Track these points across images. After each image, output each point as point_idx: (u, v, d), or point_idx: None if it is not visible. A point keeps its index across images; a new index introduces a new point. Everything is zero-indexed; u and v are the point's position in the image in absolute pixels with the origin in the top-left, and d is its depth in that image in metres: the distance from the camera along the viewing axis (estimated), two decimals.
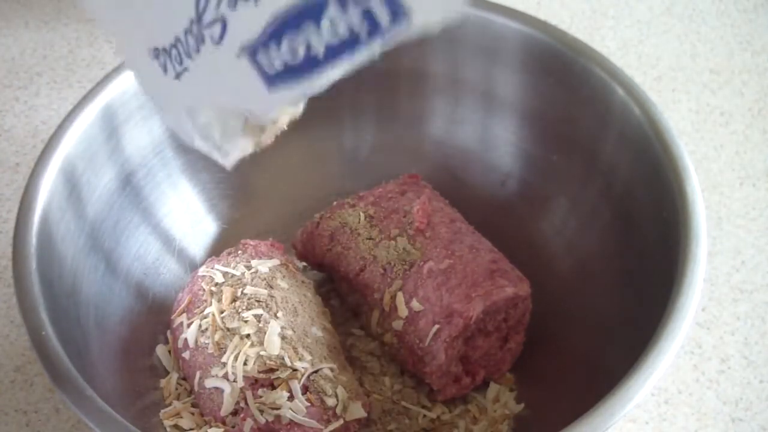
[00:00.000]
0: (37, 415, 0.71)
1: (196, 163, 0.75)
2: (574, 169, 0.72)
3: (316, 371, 0.61)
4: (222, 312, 0.64)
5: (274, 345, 0.62)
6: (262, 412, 0.60)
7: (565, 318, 0.70)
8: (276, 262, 0.69)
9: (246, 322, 0.63)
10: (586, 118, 0.70)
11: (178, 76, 0.46)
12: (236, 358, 0.61)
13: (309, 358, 0.62)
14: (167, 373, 0.69)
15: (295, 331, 0.63)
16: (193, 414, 0.65)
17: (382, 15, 0.36)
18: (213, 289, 0.66)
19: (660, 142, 0.64)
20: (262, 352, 0.61)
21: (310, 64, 0.40)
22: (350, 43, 0.38)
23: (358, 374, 0.69)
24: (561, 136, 0.73)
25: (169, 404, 0.67)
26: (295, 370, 0.61)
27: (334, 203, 0.74)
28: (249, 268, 0.67)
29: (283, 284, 0.67)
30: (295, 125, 0.78)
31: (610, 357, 0.62)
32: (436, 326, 0.65)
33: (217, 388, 0.62)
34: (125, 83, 0.68)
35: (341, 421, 0.61)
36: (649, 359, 0.54)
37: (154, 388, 0.68)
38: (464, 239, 0.68)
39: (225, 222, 0.78)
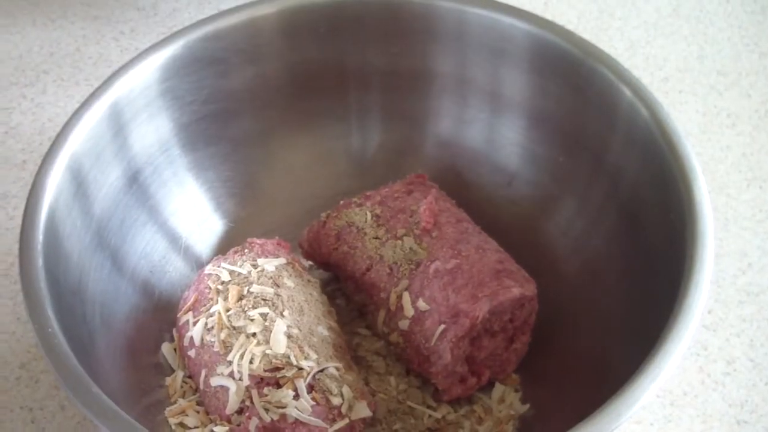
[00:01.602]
0: (42, 412, 0.71)
1: (203, 161, 0.75)
2: (580, 170, 0.72)
3: (321, 370, 0.61)
4: (228, 310, 0.64)
5: (280, 344, 0.62)
6: (267, 410, 0.60)
7: (571, 319, 0.70)
8: (282, 260, 0.69)
9: (252, 320, 0.63)
10: (593, 119, 0.70)
11: None
12: (242, 356, 0.61)
13: (315, 357, 0.62)
14: (173, 371, 0.69)
15: (301, 330, 0.63)
16: (198, 412, 0.65)
17: None
18: (219, 287, 0.66)
19: (667, 144, 0.63)
20: (267, 351, 0.61)
21: None
22: None
23: (363, 373, 0.69)
24: (568, 136, 0.73)
25: (174, 402, 0.67)
26: (300, 368, 0.61)
27: (341, 202, 0.74)
28: (255, 266, 0.67)
29: (290, 283, 0.67)
30: (303, 125, 0.79)
31: (615, 358, 0.62)
32: (442, 326, 0.65)
33: (222, 387, 0.62)
34: (132, 81, 0.69)
35: (346, 421, 0.61)
36: (655, 361, 0.53)
37: (159, 386, 0.68)
38: (471, 239, 0.68)
39: (231, 220, 0.78)
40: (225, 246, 0.74)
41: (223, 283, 0.66)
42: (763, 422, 0.71)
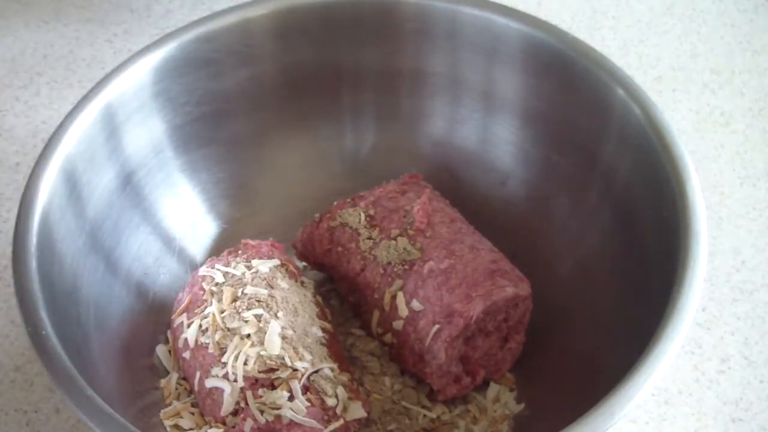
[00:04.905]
0: (37, 414, 0.71)
1: (196, 162, 0.75)
2: (574, 169, 0.72)
3: (316, 371, 0.61)
4: (222, 312, 0.64)
5: (274, 345, 0.62)
6: (262, 412, 0.60)
7: (565, 318, 0.70)
8: (276, 262, 0.69)
9: (246, 322, 0.63)
10: (586, 118, 0.70)
11: None
12: (236, 358, 0.61)
13: (309, 358, 0.62)
14: (167, 373, 0.69)
15: (295, 331, 0.63)
16: (193, 414, 0.65)
17: None
18: (213, 288, 0.66)
19: (660, 142, 0.63)
20: (262, 352, 0.61)
21: None
22: None
23: (358, 374, 0.69)
24: (561, 136, 0.73)
25: (169, 404, 0.67)
26: (295, 370, 0.61)
27: (335, 203, 0.74)
28: (249, 268, 0.67)
29: (284, 284, 0.67)
30: (296, 126, 0.79)
31: (610, 357, 0.62)
32: (437, 326, 0.65)
33: (217, 388, 0.62)
34: (125, 83, 0.69)
35: (341, 421, 0.61)
36: (649, 359, 0.53)
37: (154, 388, 0.68)
38: (465, 239, 0.68)
39: (225, 222, 0.78)
40: (219, 247, 0.74)
41: (217, 284, 0.66)
42: (758, 420, 0.71)
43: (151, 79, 0.70)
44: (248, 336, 0.62)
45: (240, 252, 0.70)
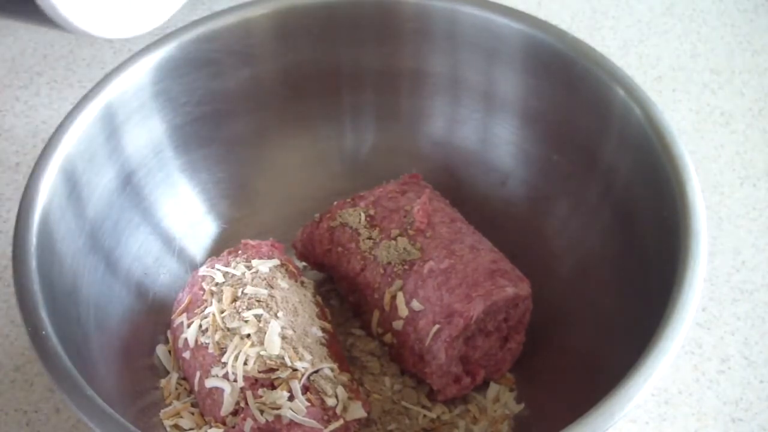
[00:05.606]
0: (37, 414, 0.71)
1: (196, 162, 0.75)
2: (574, 170, 0.72)
3: (316, 371, 0.61)
4: (222, 312, 0.64)
5: (274, 345, 0.62)
6: (262, 412, 0.60)
7: (565, 318, 0.70)
8: (276, 262, 0.69)
9: (246, 321, 0.63)
10: (586, 118, 0.70)
11: None
12: (236, 357, 0.61)
13: (309, 358, 0.62)
14: (167, 373, 0.69)
15: (295, 331, 0.63)
16: (193, 414, 0.65)
17: None
18: (213, 288, 0.66)
19: (660, 142, 0.63)
20: (262, 352, 0.61)
21: None
22: None
23: (358, 374, 0.69)
24: (561, 136, 0.73)
25: (169, 404, 0.67)
26: (295, 370, 0.61)
27: (335, 203, 0.74)
28: (249, 268, 0.67)
29: (284, 284, 0.67)
30: (296, 126, 0.79)
31: (610, 357, 0.62)
32: (437, 326, 0.65)
33: (217, 388, 0.62)
34: (125, 83, 0.69)
35: (341, 421, 0.61)
36: (649, 359, 0.54)
37: (154, 388, 0.68)
38: (465, 239, 0.68)
39: (225, 222, 0.78)
40: (219, 247, 0.74)
41: (217, 284, 0.66)
42: (758, 420, 0.71)
43: (151, 79, 0.70)
44: (248, 336, 0.62)
45: (240, 252, 0.70)
